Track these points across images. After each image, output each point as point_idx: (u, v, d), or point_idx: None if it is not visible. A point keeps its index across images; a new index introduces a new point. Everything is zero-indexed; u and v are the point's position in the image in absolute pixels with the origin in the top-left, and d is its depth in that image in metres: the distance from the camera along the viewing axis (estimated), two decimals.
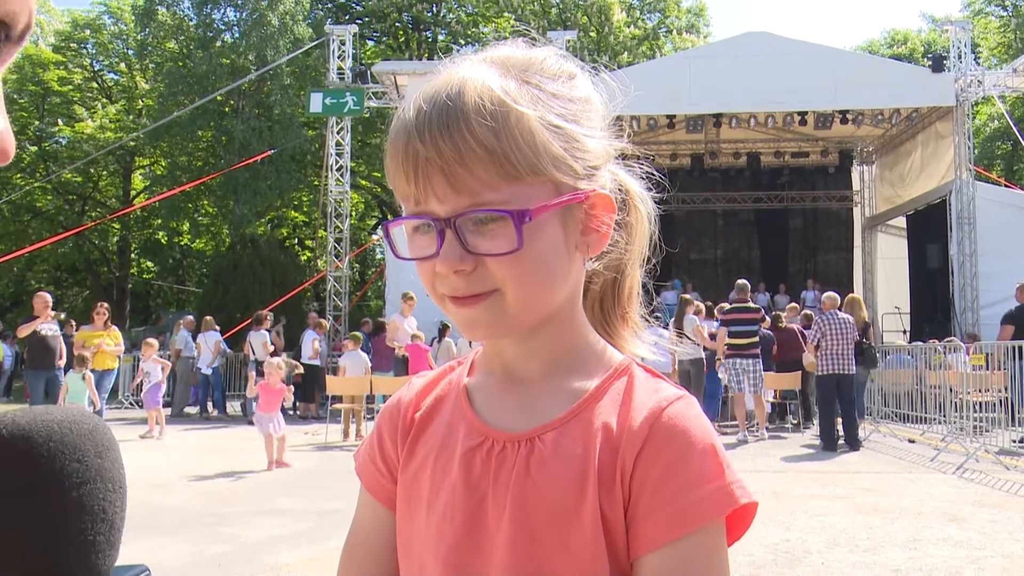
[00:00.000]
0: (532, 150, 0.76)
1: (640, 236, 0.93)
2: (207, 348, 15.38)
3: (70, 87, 29.98)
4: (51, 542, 0.58)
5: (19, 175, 29.11)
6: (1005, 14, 33.03)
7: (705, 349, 12.05)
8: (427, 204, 0.78)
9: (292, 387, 12.45)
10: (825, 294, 11.36)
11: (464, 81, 0.77)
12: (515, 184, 0.77)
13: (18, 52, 0.55)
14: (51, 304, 11.66)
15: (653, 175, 0.95)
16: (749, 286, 12.28)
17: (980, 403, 10.23)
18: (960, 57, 17.18)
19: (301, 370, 13.98)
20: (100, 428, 0.63)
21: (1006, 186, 21.40)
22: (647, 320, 0.99)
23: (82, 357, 10.81)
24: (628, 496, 0.78)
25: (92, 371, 11.67)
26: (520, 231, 0.76)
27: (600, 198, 0.83)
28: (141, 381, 12.66)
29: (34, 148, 29.51)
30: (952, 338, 13.13)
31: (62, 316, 11.79)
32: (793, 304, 15.93)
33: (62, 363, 11.52)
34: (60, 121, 29.35)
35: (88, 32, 30.83)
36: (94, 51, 31.63)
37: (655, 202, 0.95)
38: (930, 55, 19.17)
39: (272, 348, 14.98)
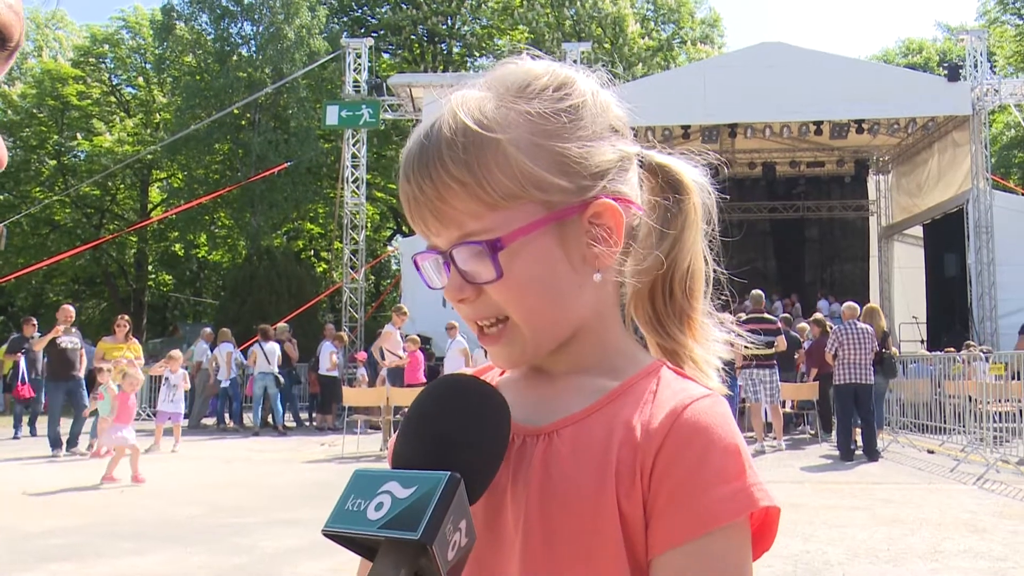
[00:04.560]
0: (508, 176, 0.77)
1: (691, 226, 0.89)
2: (223, 360, 15.46)
3: (89, 101, 30.29)
4: (485, 443, 0.77)
5: (38, 189, 29.43)
6: (1021, 23, 32.88)
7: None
8: (430, 239, 0.82)
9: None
10: (844, 304, 11.29)
11: (442, 116, 0.80)
12: (497, 211, 0.78)
13: (7, 68, 0.57)
14: (73, 317, 11.82)
15: (712, 167, 0.93)
16: (764, 296, 12.23)
17: (1000, 413, 10.15)
18: (976, 66, 17.11)
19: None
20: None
21: (1023, 195, 21.26)
22: (715, 315, 0.93)
23: (102, 371, 10.92)
24: (647, 493, 0.76)
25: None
26: (495, 259, 0.77)
27: (603, 207, 0.81)
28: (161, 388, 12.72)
29: (53, 162, 29.82)
30: (982, 346, 13.00)
31: (72, 329, 11.87)
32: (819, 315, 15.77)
33: (81, 374, 11.65)
34: (79, 135, 29.64)
35: (107, 47, 31.19)
36: (112, 65, 31.98)
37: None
38: (946, 64, 19.11)
39: (280, 360, 15.04)
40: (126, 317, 12.53)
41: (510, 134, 0.78)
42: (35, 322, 14.02)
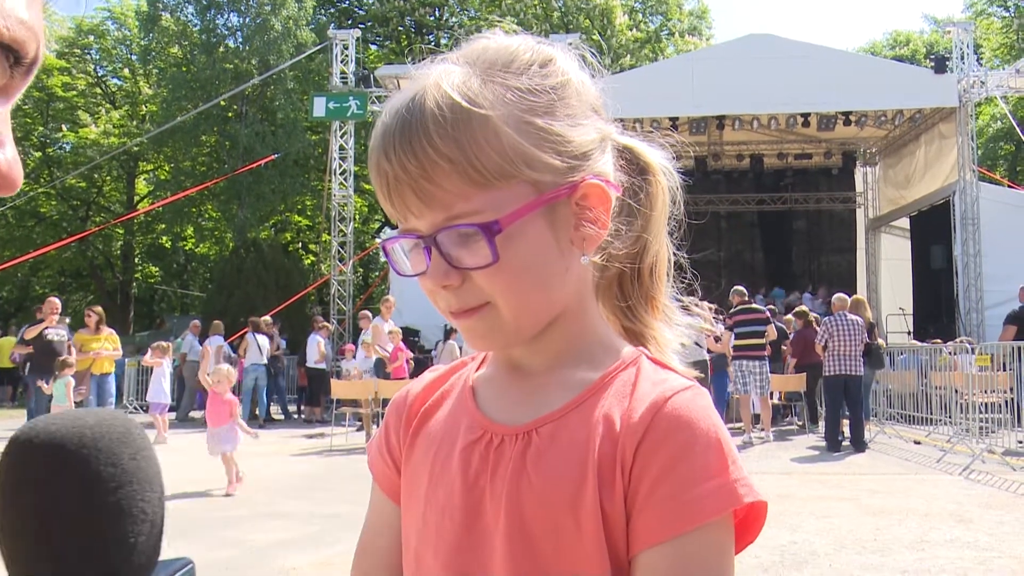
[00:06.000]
0: (499, 154, 0.73)
1: (660, 209, 0.89)
2: (212, 353, 15.39)
3: (74, 93, 30.02)
4: (93, 545, 0.58)
5: (23, 181, 29.18)
6: (1007, 15, 32.98)
7: (709, 351, 12.03)
8: (408, 221, 0.77)
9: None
10: (835, 295, 11.33)
11: (424, 90, 0.75)
12: (488, 191, 0.74)
13: (27, 83, 0.55)
14: (59, 309, 11.72)
15: (675, 147, 0.92)
16: (746, 291, 12.27)
17: (986, 404, 10.22)
18: (963, 58, 17.15)
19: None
20: (133, 430, 0.64)
21: (1009, 187, 21.36)
22: (679, 300, 0.94)
23: (63, 362, 10.65)
24: (627, 488, 0.74)
25: (91, 375, 11.70)
26: (492, 243, 0.74)
27: (591, 189, 0.79)
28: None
29: (38, 154, 29.56)
30: (964, 338, 13.08)
31: (67, 320, 11.80)
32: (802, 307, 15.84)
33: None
34: (64, 127, 29.39)
35: (92, 38, 30.88)
36: (98, 57, 31.69)
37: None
38: (932, 56, 19.16)
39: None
40: (96, 308, 12.40)
41: (499, 111, 0.75)
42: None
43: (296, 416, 16.21)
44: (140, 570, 0.60)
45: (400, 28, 33.34)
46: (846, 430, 10.62)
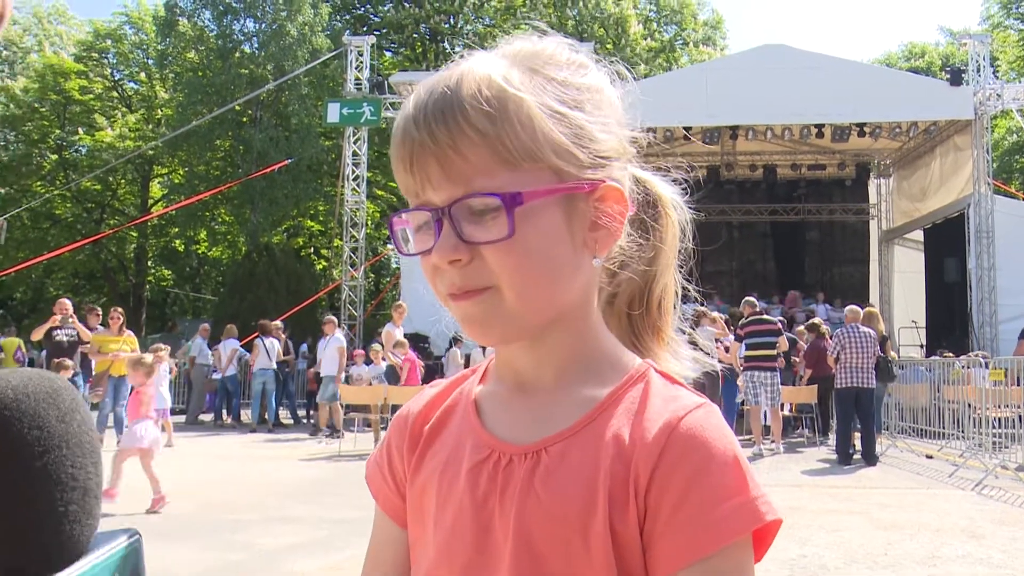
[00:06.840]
0: (529, 135, 0.73)
1: (670, 243, 0.90)
2: (225, 356, 15.44)
3: (91, 96, 30.29)
4: (17, 515, 0.54)
5: (39, 183, 29.43)
6: None
7: (720, 362, 11.98)
8: (424, 194, 0.76)
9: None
10: (847, 307, 11.26)
11: (464, 72, 0.75)
12: (512, 171, 0.73)
13: None
14: (68, 310, 11.75)
15: (687, 182, 0.92)
16: (757, 302, 12.23)
17: (999, 419, 10.13)
18: (979, 70, 17.09)
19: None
20: (62, 391, 0.59)
21: None
22: (682, 331, 0.94)
23: (59, 365, 10.57)
24: (644, 513, 0.73)
25: (109, 376, 11.73)
26: (511, 215, 0.73)
27: (610, 191, 0.79)
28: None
29: (54, 156, 29.82)
30: (980, 352, 12.98)
31: (71, 319, 11.74)
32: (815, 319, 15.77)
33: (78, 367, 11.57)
34: (80, 130, 29.63)
35: (109, 42, 31.18)
36: (115, 61, 31.96)
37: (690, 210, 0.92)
38: (948, 68, 19.09)
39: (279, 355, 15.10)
40: (119, 310, 12.45)
41: (535, 96, 0.75)
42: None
43: (305, 421, 16.23)
44: (73, 540, 0.56)
45: (415, 35, 33.48)
46: (857, 443, 10.55)
